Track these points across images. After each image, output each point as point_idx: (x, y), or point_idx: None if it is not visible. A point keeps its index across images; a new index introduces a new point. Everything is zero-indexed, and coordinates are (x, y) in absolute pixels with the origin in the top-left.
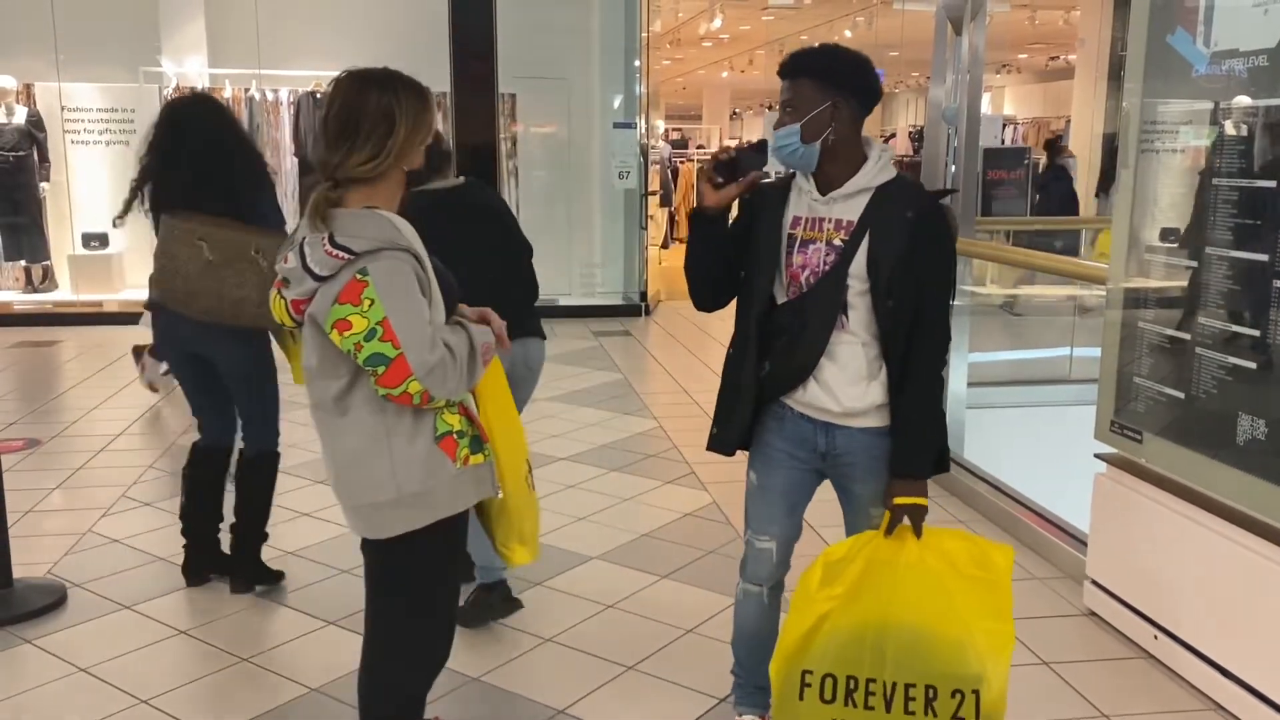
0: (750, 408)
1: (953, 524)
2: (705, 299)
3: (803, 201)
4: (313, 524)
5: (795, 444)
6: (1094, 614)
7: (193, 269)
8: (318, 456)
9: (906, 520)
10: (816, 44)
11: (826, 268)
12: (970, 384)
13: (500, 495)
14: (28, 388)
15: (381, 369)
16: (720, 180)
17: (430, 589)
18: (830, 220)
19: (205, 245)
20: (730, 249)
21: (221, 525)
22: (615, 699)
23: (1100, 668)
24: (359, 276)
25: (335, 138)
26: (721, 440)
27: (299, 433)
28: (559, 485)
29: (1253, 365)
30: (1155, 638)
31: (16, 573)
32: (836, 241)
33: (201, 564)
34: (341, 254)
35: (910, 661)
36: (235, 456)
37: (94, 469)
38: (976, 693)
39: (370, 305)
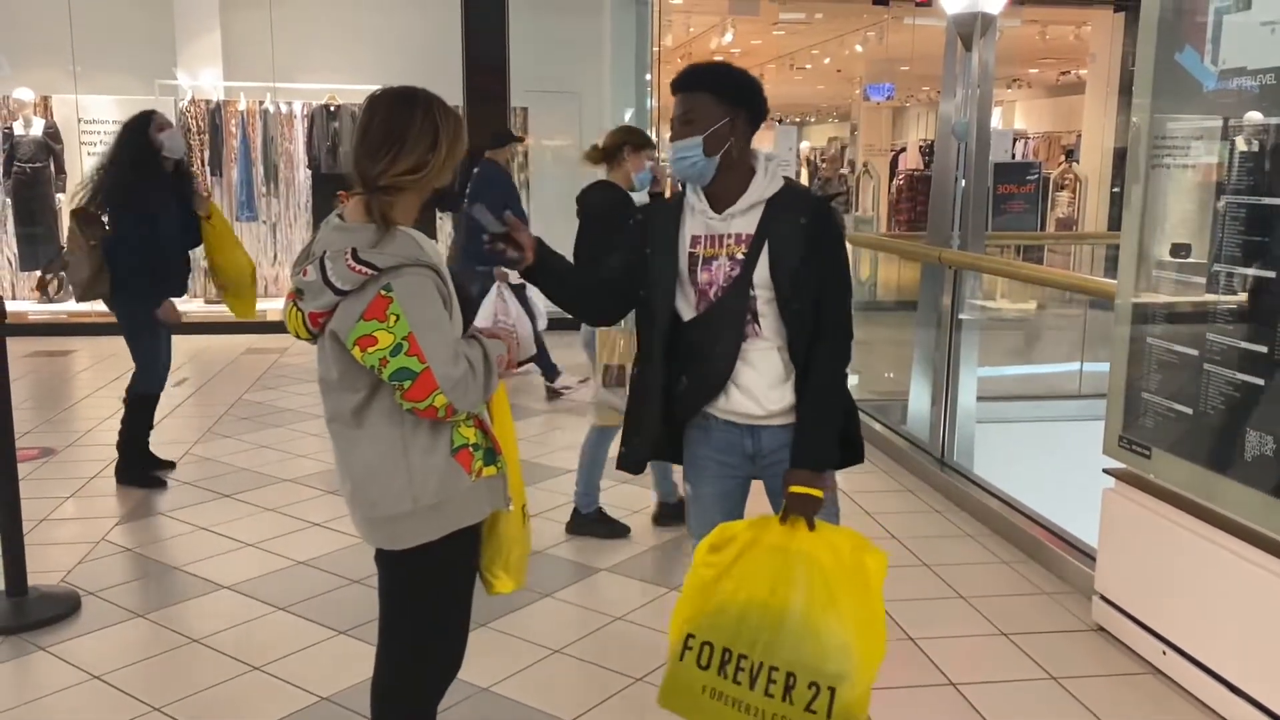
0: (658, 423)
1: (961, 538)
2: (596, 317)
3: (698, 220)
4: (324, 534)
5: (724, 450)
6: (1102, 629)
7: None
8: (329, 467)
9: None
10: (708, 61)
11: (730, 281)
12: (980, 398)
13: (511, 509)
14: (42, 397)
15: (408, 383)
16: (512, 252)
17: (444, 600)
18: (730, 235)
19: None
20: (562, 276)
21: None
22: (625, 711)
23: (1108, 683)
24: (384, 293)
25: (377, 148)
26: (629, 458)
27: (309, 443)
28: (565, 497)
29: (1261, 381)
30: (1164, 653)
31: (31, 580)
32: (738, 255)
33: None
34: (365, 269)
35: (779, 646)
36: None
37: (107, 478)
38: (833, 690)
39: (396, 321)
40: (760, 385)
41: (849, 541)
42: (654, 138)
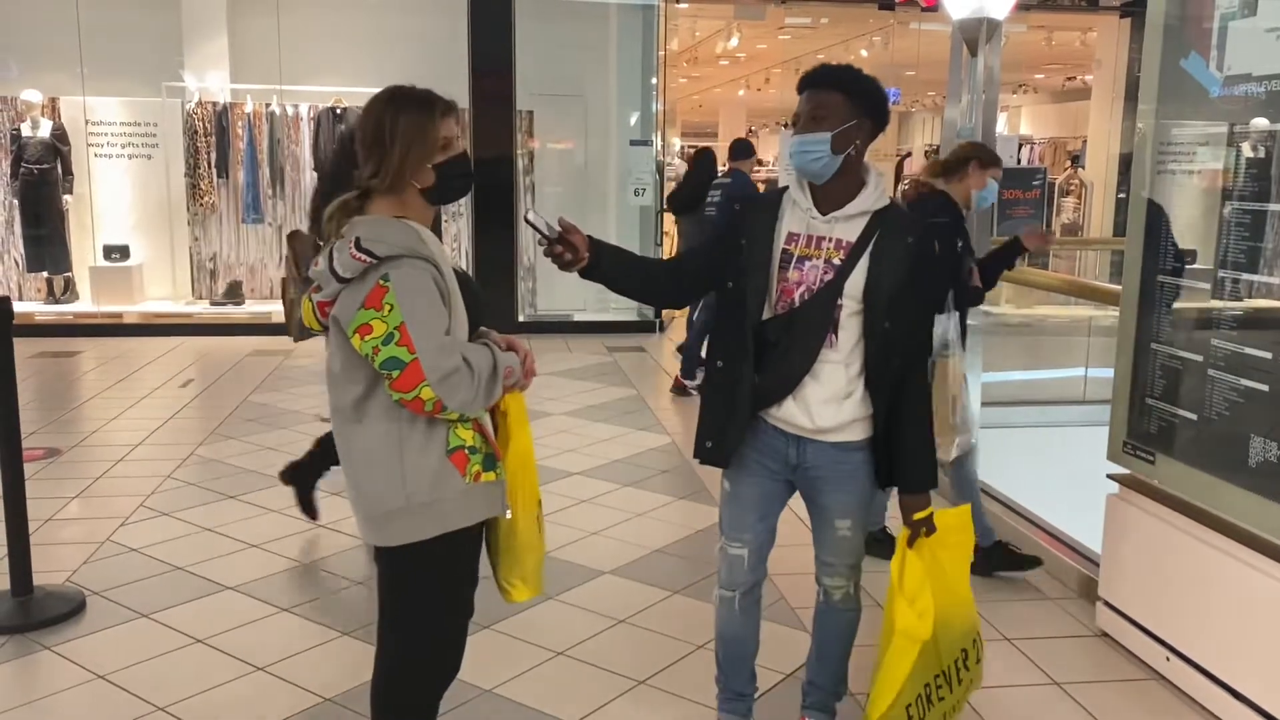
0: (747, 418)
1: None
2: (663, 303)
3: (799, 218)
4: (328, 535)
5: (767, 454)
6: (1106, 635)
7: None
8: (332, 470)
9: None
10: (841, 64)
11: (822, 285)
12: (984, 404)
13: (509, 515)
14: (48, 398)
15: (396, 373)
16: (566, 254)
17: (439, 600)
18: (830, 240)
19: None
20: (628, 268)
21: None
22: (627, 713)
23: (1112, 689)
24: (381, 282)
25: (358, 151)
26: (718, 453)
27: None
28: (572, 500)
29: (1266, 388)
30: (1168, 659)
31: (36, 580)
32: (835, 260)
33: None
34: (365, 257)
35: (950, 641)
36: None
37: (113, 478)
38: (978, 636)
39: (390, 310)
40: (817, 399)
41: (942, 520)
42: (656, 141)
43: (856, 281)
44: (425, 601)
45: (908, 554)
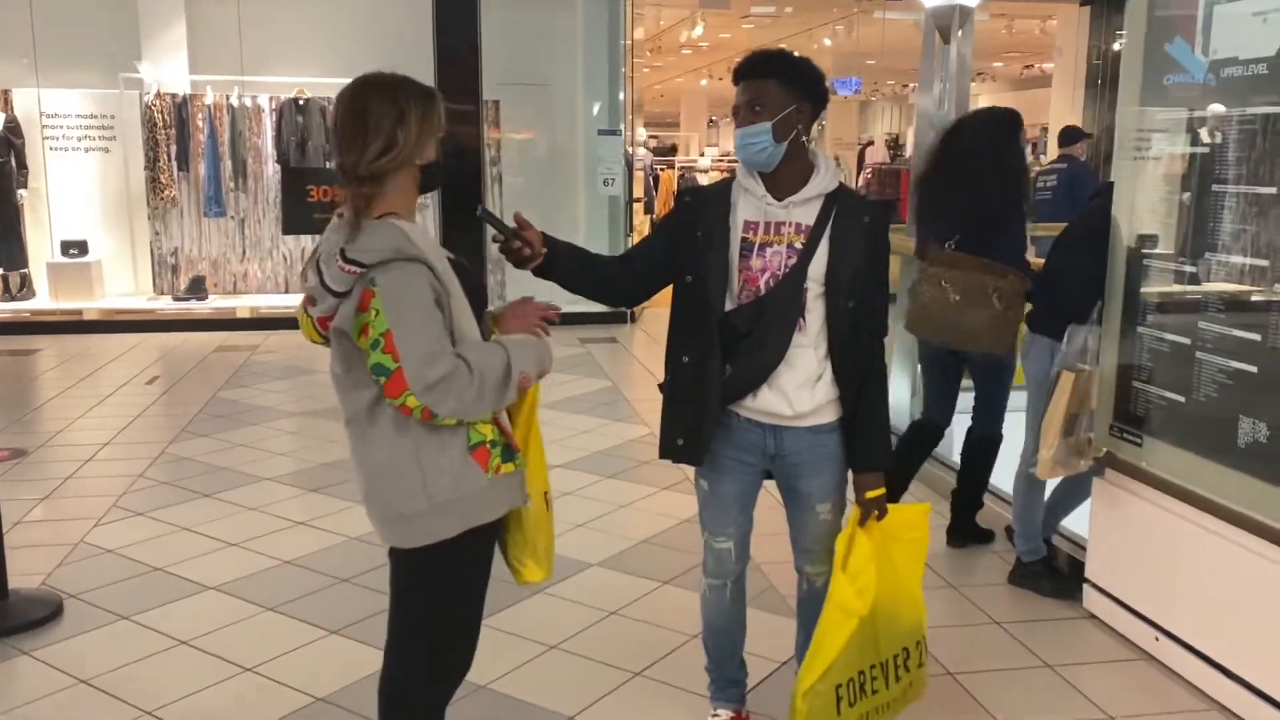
0: (720, 413)
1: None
2: (619, 301)
3: (754, 206)
4: (308, 533)
5: (743, 450)
6: (1094, 616)
7: (935, 307)
8: (307, 465)
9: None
10: (773, 49)
11: (787, 270)
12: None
13: (529, 505)
14: (9, 397)
15: (383, 379)
16: (525, 249)
17: (457, 599)
18: (790, 224)
19: (949, 288)
20: (583, 265)
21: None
22: (623, 705)
23: (1102, 669)
24: (369, 287)
25: (349, 139)
26: (692, 450)
27: (285, 441)
28: (556, 492)
29: (1254, 369)
30: (1156, 639)
31: (12, 583)
32: (797, 244)
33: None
34: (352, 268)
35: (890, 635)
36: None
37: (83, 479)
38: (922, 639)
39: (376, 315)
40: (792, 384)
41: (891, 513)
42: (626, 131)
43: (819, 264)
44: (443, 600)
45: (858, 533)
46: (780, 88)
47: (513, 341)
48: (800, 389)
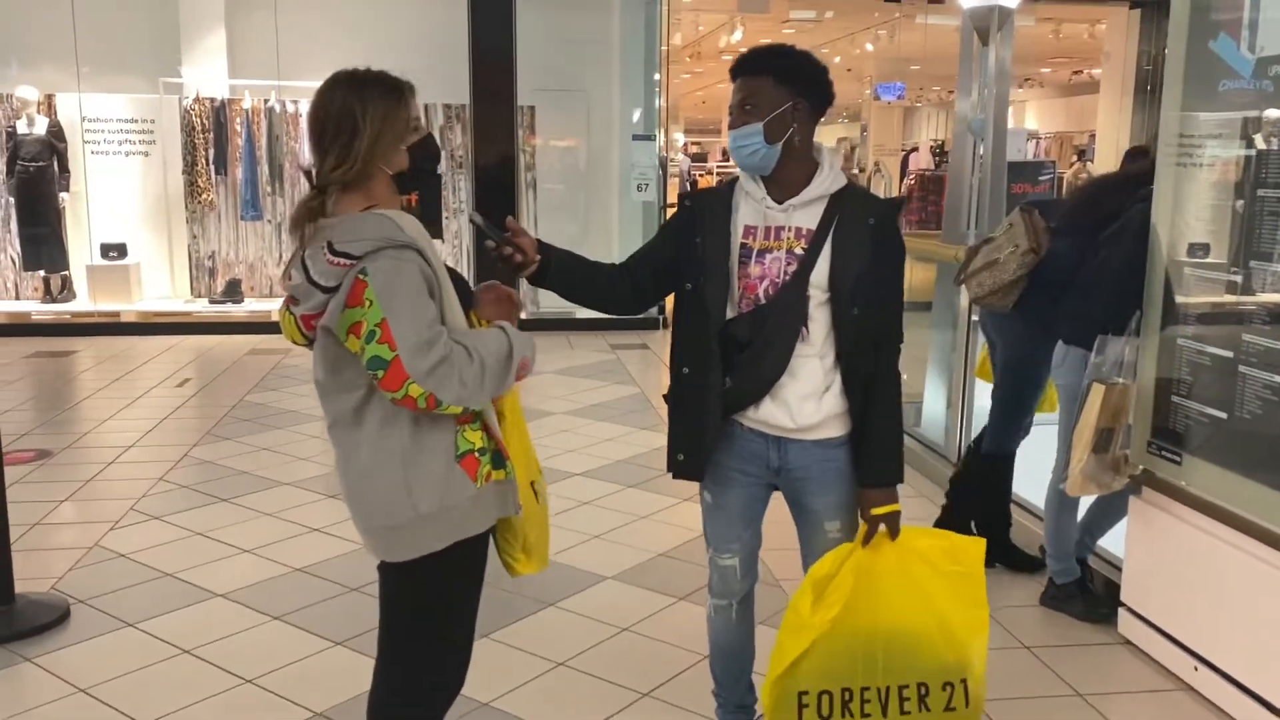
0: (720, 425)
1: None
2: (618, 310)
3: (754, 210)
4: (323, 540)
5: (746, 461)
6: (1129, 643)
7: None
8: (330, 470)
9: (882, 527)
10: (770, 44)
11: (787, 278)
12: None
13: (520, 514)
14: (43, 398)
15: (381, 372)
16: (517, 255)
17: (448, 613)
18: (789, 229)
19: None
20: (580, 272)
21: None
22: None
23: (1137, 700)
24: (360, 277)
25: (314, 145)
26: (692, 465)
27: (310, 446)
28: (573, 501)
29: None
30: (1195, 669)
31: (22, 587)
32: (798, 250)
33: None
34: (342, 261)
35: (901, 663)
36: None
37: (104, 481)
38: (964, 681)
39: (370, 305)
40: (796, 396)
41: (935, 540)
42: (659, 136)
43: (822, 270)
44: (432, 614)
45: (857, 552)
46: (774, 84)
47: (509, 327)
48: (805, 401)
